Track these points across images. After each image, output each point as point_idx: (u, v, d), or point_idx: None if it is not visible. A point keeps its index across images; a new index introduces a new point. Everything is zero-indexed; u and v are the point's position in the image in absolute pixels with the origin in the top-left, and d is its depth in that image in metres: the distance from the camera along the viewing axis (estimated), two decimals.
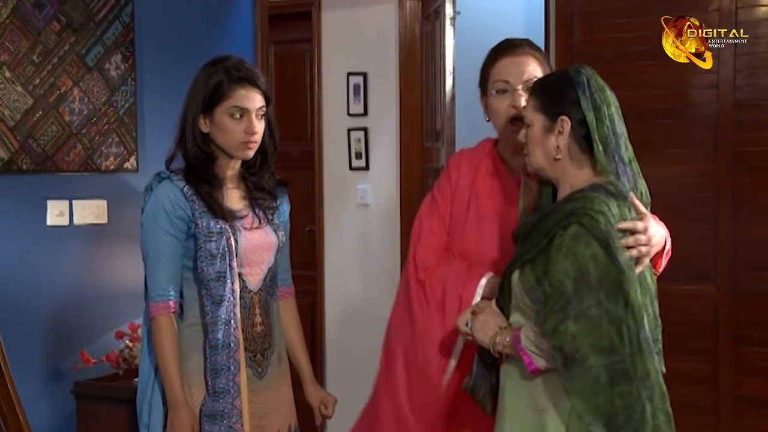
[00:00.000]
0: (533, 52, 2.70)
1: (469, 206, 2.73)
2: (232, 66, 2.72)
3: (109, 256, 4.36)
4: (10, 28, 3.99)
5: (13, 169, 4.03)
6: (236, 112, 2.70)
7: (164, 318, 2.69)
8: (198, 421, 2.68)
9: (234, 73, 2.70)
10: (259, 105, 2.73)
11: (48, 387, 4.15)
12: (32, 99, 4.08)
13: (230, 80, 2.70)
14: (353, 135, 5.45)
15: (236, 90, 2.70)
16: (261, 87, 2.73)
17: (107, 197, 4.36)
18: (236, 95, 2.70)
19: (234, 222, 2.74)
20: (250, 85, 2.71)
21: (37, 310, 4.13)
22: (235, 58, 2.77)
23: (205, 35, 4.78)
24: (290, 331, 2.96)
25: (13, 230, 4.05)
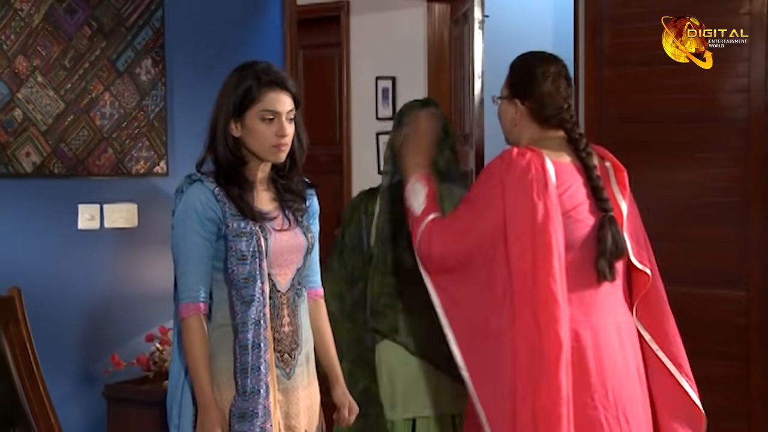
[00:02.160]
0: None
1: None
2: (261, 70, 2.74)
3: (139, 260, 4.39)
4: (43, 33, 4.03)
5: (45, 173, 4.06)
6: (267, 116, 2.71)
7: (194, 319, 2.70)
8: (228, 422, 2.70)
9: (263, 77, 2.72)
10: (288, 108, 2.75)
11: (79, 389, 4.18)
12: (64, 104, 4.12)
13: (260, 84, 2.71)
14: (382, 139, 5.46)
15: (266, 94, 2.71)
16: (290, 90, 2.75)
17: (137, 201, 4.38)
18: (266, 99, 2.71)
19: (264, 223, 2.75)
20: (280, 89, 2.73)
21: (69, 314, 4.16)
22: (264, 63, 2.79)
23: (234, 40, 4.80)
24: (319, 333, 2.97)
25: (45, 234, 4.08)
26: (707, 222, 4.29)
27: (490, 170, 2.87)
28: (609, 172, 2.96)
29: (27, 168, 4.00)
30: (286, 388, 2.79)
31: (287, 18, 4.97)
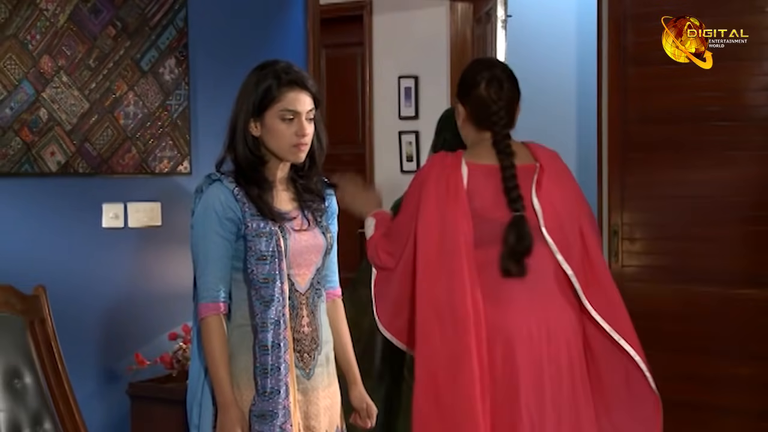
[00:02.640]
0: None
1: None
2: (281, 70, 2.74)
3: (163, 259, 4.41)
4: (68, 33, 4.05)
5: (69, 172, 4.08)
6: (287, 115, 2.72)
7: (214, 319, 2.71)
8: (248, 422, 2.70)
9: (283, 77, 2.72)
10: (308, 107, 2.75)
11: (103, 388, 4.20)
12: (88, 103, 4.14)
13: (280, 84, 2.71)
14: (404, 138, 5.47)
15: (286, 93, 2.71)
16: (310, 89, 2.75)
17: (161, 200, 4.40)
18: (286, 98, 2.71)
19: (283, 223, 2.75)
20: (300, 88, 2.73)
21: (93, 312, 4.19)
22: (283, 62, 2.79)
23: (257, 40, 4.81)
24: (338, 333, 2.97)
25: (70, 232, 4.10)
26: (733, 221, 4.27)
27: (415, 176, 3.11)
28: (535, 173, 3.06)
29: (52, 167, 4.03)
30: (306, 388, 2.79)
31: (310, 17, 4.98)
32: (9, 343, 3.33)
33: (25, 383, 3.32)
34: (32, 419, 3.29)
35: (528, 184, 3.02)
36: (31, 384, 3.34)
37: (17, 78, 3.91)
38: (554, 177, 3.07)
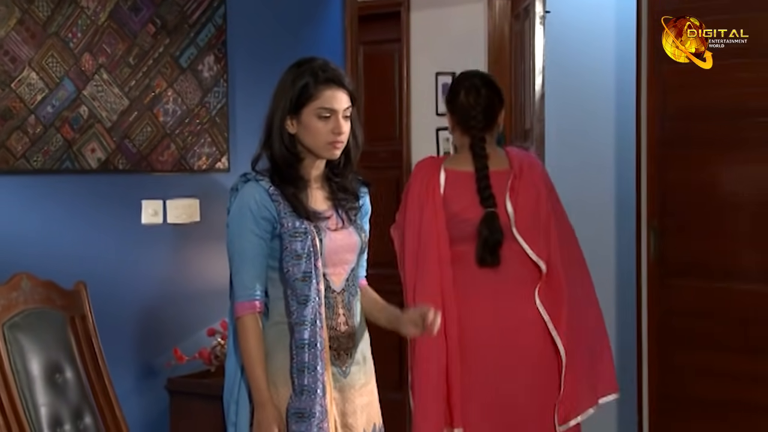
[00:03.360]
0: None
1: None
2: (319, 67, 2.75)
3: (201, 255, 4.43)
4: (108, 31, 4.09)
5: (109, 168, 4.12)
6: (323, 113, 2.72)
7: (250, 317, 2.72)
8: (284, 420, 2.71)
9: (321, 75, 2.72)
10: (345, 105, 2.75)
11: (142, 383, 4.23)
12: (128, 100, 4.17)
13: (317, 81, 2.72)
14: (442, 135, 5.46)
15: (323, 91, 2.72)
16: (347, 87, 2.76)
17: (200, 197, 4.43)
18: (323, 96, 2.72)
19: (318, 223, 2.76)
20: (337, 86, 2.73)
21: (132, 308, 4.22)
22: (321, 60, 2.79)
23: (295, 37, 4.82)
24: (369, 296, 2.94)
25: (109, 229, 4.14)
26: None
27: (409, 177, 3.62)
28: (509, 178, 3.45)
29: (92, 164, 4.06)
30: (343, 386, 2.79)
31: (348, 14, 4.99)
32: (50, 339, 3.36)
33: (66, 378, 3.36)
34: (73, 413, 3.33)
35: (502, 188, 3.41)
36: (71, 379, 3.37)
37: (59, 76, 3.95)
38: (527, 182, 3.43)
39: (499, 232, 3.37)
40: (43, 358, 3.30)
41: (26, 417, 3.17)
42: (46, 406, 3.24)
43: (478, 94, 3.44)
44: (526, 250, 3.39)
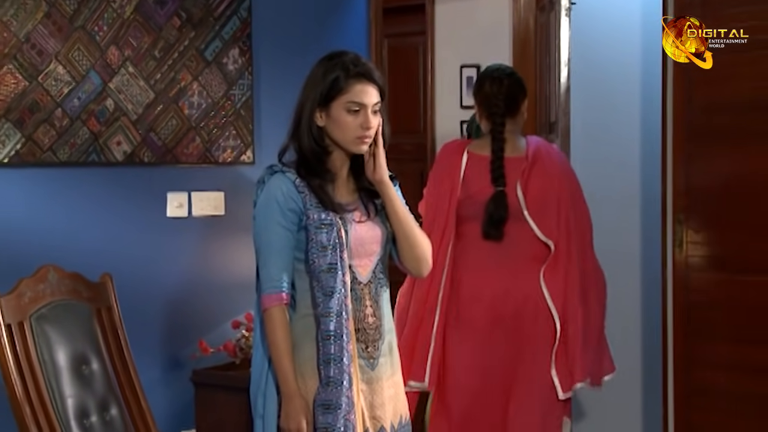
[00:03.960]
0: None
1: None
2: (350, 61, 2.74)
3: (226, 247, 4.45)
4: (134, 24, 4.10)
5: (135, 161, 4.14)
6: (353, 107, 2.72)
7: (277, 309, 2.72)
8: (312, 412, 2.71)
9: (352, 69, 2.72)
10: (375, 100, 2.74)
11: (168, 375, 4.25)
12: (154, 93, 4.18)
13: (348, 75, 2.71)
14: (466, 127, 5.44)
15: (353, 85, 2.71)
16: (377, 82, 2.75)
17: (224, 189, 4.44)
18: (353, 90, 2.71)
19: (344, 214, 2.76)
20: (367, 81, 2.73)
21: (157, 300, 4.24)
22: (352, 54, 2.79)
23: (320, 30, 4.83)
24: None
25: (135, 221, 4.16)
26: None
27: (436, 156, 3.90)
28: (524, 163, 3.66)
29: (118, 156, 4.08)
30: (370, 378, 2.79)
31: (372, 7, 4.98)
32: (77, 330, 3.38)
33: (92, 369, 3.38)
34: (99, 405, 3.34)
35: (516, 173, 3.63)
36: (98, 370, 3.39)
37: (85, 68, 3.97)
38: (540, 169, 3.66)
39: (505, 209, 3.59)
40: (70, 350, 3.32)
41: (53, 408, 3.19)
42: (72, 398, 3.26)
43: (501, 83, 3.68)
44: (536, 231, 3.62)
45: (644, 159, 4.96)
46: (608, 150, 5.08)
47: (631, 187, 5.01)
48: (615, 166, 5.06)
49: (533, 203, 3.64)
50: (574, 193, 3.77)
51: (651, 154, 4.71)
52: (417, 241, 2.84)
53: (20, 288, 3.27)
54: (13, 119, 3.79)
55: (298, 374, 2.72)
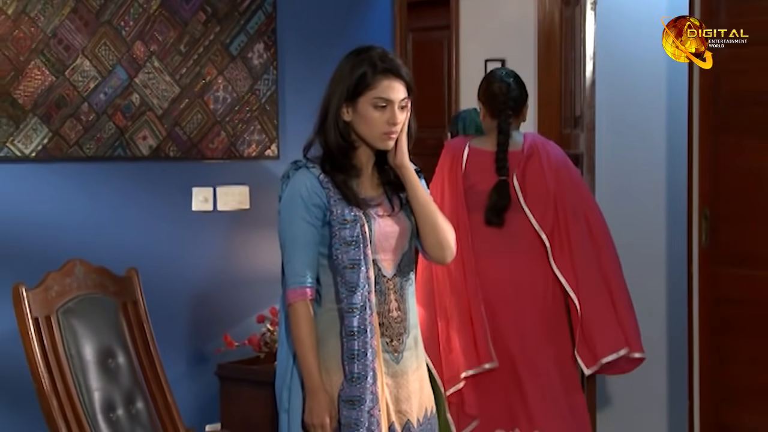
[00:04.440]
0: None
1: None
2: (377, 57, 2.74)
3: (251, 242, 4.46)
4: (160, 19, 4.12)
5: (160, 156, 4.16)
6: (380, 103, 2.72)
7: (301, 304, 2.72)
8: (336, 406, 2.72)
9: (379, 65, 2.72)
10: (401, 96, 2.74)
11: (193, 369, 4.27)
12: (179, 88, 4.20)
13: (375, 71, 2.71)
14: None
15: (381, 81, 2.71)
16: (405, 78, 2.75)
17: (249, 184, 4.45)
18: (381, 86, 2.71)
19: (368, 210, 2.76)
20: (395, 77, 2.72)
21: (183, 294, 4.26)
22: (380, 49, 2.78)
23: (344, 24, 4.83)
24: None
25: (161, 216, 4.18)
26: None
27: (441, 152, 4.05)
28: (520, 157, 3.90)
29: (144, 151, 4.10)
30: (396, 372, 2.79)
31: (397, 1, 4.98)
32: (103, 324, 3.40)
33: (118, 363, 3.40)
34: (125, 398, 3.36)
35: (513, 167, 3.86)
36: (124, 364, 3.41)
37: (111, 63, 3.99)
38: (534, 162, 3.89)
39: (507, 197, 3.82)
40: (96, 343, 3.34)
41: (80, 401, 3.21)
42: (99, 391, 3.28)
43: (509, 86, 3.93)
44: (531, 220, 3.84)
45: (670, 152, 4.94)
46: (634, 144, 5.06)
47: (657, 182, 4.99)
48: (640, 160, 5.03)
49: (529, 195, 3.86)
50: (573, 182, 3.97)
51: (677, 148, 4.69)
52: (439, 226, 2.83)
53: (47, 282, 3.29)
54: (41, 114, 3.82)
55: (323, 369, 2.72)
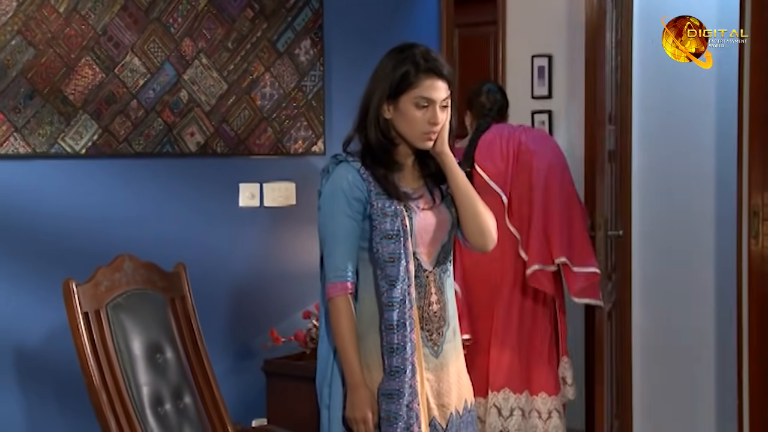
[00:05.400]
0: None
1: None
2: (420, 55, 2.73)
3: (297, 238, 4.47)
4: (208, 16, 4.14)
5: (208, 152, 4.18)
6: (422, 102, 2.71)
7: (342, 299, 2.72)
8: (377, 401, 2.72)
9: (422, 63, 2.71)
10: (443, 96, 2.73)
11: (239, 364, 4.29)
12: (226, 85, 4.22)
13: (418, 70, 2.70)
14: (537, 117, 5.40)
15: (423, 80, 2.70)
16: (447, 78, 2.74)
17: (296, 180, 4.47)
18: (423, 85, 2.71)
19: (409, 203, 2.75)
20: (437, 76, 2.72)
21: (229, 289, 4.28)
22: (422, 47, 2.77)
23: (391, 20, 4.82)
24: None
25: (208, 212, 4.20)
26: None
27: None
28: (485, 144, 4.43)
29: (191, 147, 4.13)
30: (436, 366, 2.79)
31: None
32: (151, 319, 3.43)
33: (166, 358, 3.42)
34: (173, 393, 3.39)
35: (478, 159, 4.36)
36: (171, 359, 3.44)
37: (160, 60, 4.01)
38: (492, 143, 4.38)
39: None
40: (145, 339, 3.37)
41: (129, 395, 3.25)
42: (147, 386, 3.31)
43: (495, 99, 4.51)
44: (489, 182, 4.31)
45: (719, 146, 4.88)
46: (682, 139, 5.01)
47: (706, 178, 4.93)
48: (689, 155, 4.98)
49: (492, 173, 4.35)
50: (529, 156, 4.39)
51: (727, 145, 4.63)
52: (480, 213, 2.82)
53: (97, 277, 3.33)
54: (91, 111, 3.85)
55: (364, 365, 2.72)
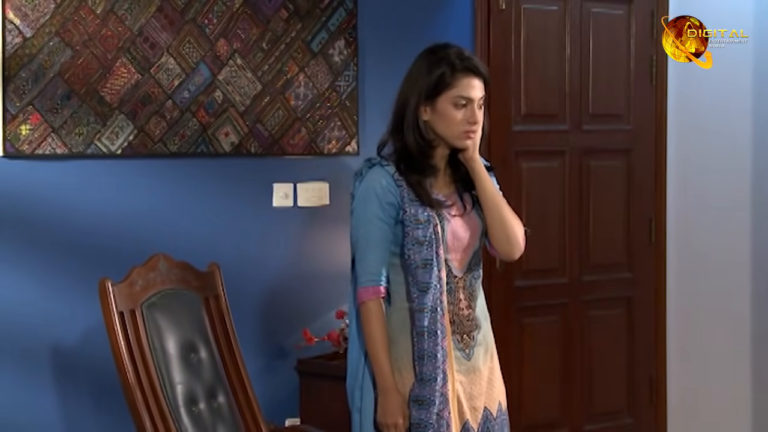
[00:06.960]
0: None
1: None
2: (455, 55, 2.73)
3: (330, 238, 4.47)
4: (242, 16, 4.15)
5: (242, 152, 4.19)
6: (460, 101, 2.71)
7: (374, 303, 2.72)
8: (408, 406, 2.71)
9: (458, 63, 2.71)
10: (480, 94, 2.73)
11: (273, 363, 4.30)
12: (261, 85, 4.23)
13: (454, 70, 2.70)
14: None
15: (461, 80, 2.70)
16: (484, 75, 2.74)
17: (329, 180, 4.47)
18: (461, 85, 2.70)
19: (441, 210, 2.75)
20: (474, 75, 2.72)
21: (263, 289, 4.29)
22: (455, 47, 2.77)
23: (425, 21, 4.81)
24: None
25: (242, 211, 4.21)
26: None
27: None
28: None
29: (226, 147, 4.14)
30: (468, 369, 2.78)
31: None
32: (186, 319, 3.45)
33: (200, 357, 3.44)
34: (207, 392, 3.41)
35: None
36: (206, 358, 3.45)
37: (195, 61, 4.03)
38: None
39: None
40: (179, 338, 3.39)
41: (163, 394, 3.26)
42: (182, 384, 3.33)
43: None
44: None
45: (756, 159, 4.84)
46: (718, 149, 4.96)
47: (741, 189, 4.88)
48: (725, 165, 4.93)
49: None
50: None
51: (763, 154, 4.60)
52: (507, 220, 2.80)
53: (132, 276, 3.35)
54: (126, 111, 3.88)
55: (395, 369, 2.72)
